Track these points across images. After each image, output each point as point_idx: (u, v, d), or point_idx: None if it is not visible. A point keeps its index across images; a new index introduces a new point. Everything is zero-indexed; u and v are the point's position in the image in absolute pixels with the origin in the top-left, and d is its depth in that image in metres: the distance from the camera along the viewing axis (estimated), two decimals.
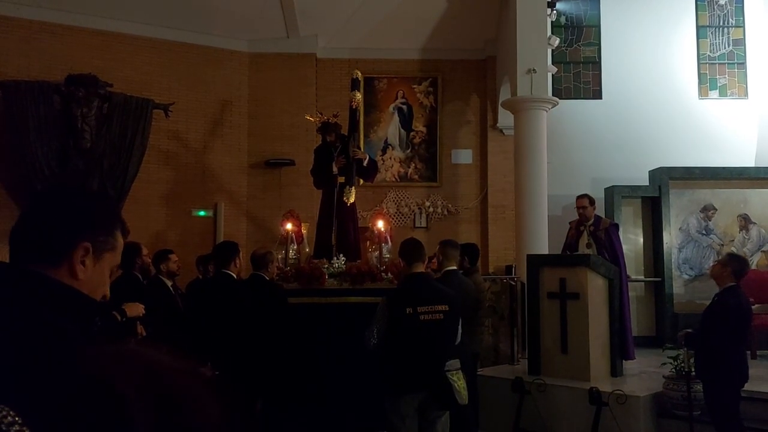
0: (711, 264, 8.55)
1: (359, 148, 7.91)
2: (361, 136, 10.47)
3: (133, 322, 4.81)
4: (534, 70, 9.27)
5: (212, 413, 0.81)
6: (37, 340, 1.39)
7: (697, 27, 12.00)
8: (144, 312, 4.92)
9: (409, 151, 11.53)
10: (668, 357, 6.42)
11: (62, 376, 0.79)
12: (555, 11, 10.01)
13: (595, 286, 7.03)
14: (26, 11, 9.47)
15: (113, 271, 1.65)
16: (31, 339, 1.39)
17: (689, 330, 5.70)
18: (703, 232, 10.39)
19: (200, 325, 5.67)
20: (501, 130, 11.24)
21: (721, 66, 11.98)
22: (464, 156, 11.57)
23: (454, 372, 4.71)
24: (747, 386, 5.47)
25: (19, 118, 9.00)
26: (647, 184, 10.49)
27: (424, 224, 11.35)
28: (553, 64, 10.29)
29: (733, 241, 10.33)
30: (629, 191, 10.47)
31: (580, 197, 7.93)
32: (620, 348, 7.34)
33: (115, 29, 10.09)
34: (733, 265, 5.48)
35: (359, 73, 7.98)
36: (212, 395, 0.83)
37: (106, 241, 1.58)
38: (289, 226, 7.33)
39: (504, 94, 10.36)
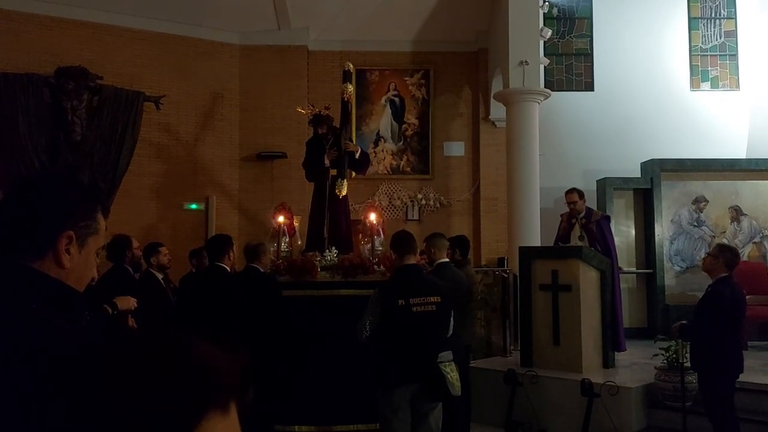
0: (702, 256, 8.57)
1: (351, 141, 7.86)
2: (353, 129, 10.40)
3: (125, 315, 4.78)
4: (526, 62, 9.26)
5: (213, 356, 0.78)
6: (30, 334, 1.37)
7: (689, 18, 12.01)
8: (135, 305, 4.89)
9: (401, 143, 11.52)
10: (660, 348, 6.45)
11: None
12: (547, 3, 10.00)
13: (587, 278, 7.04)
14: (14, 3, 9.39)
15: (99, 252, 1.64)
16: (23, 333, 1.37)
17: (683, 322, 5.71)
18: (695, 223, 10.42)
19: (192, 317, 5.65)
20: (493, 123, 11.24)
21: (712, 58, 12.00)
22: (456, 148, 11.56)
23: (447, 364, 4.71)
24: (739, 377, 5.49)
25: (8, 111, 8.95)
26: (639, 176, 10.51)
27: (416, 217, 11.35)
28: (545, 56, 10.28)
29: (724, 232, 10.36)
30: (621, 183, 10.49)
31: (568, 192, 7.92)
32: (612, 340, 7.36)
33: (104, 21, 10.02)
34: (725, 256, 5.49)
35: (351, 66, 7.93)
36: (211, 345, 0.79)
37: (88, 225, 1.56)
38: (280, 218, 7.29)
39: (496, 86, 10.35)
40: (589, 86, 11.90)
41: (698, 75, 11.94)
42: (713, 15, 12.06)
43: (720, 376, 5.33)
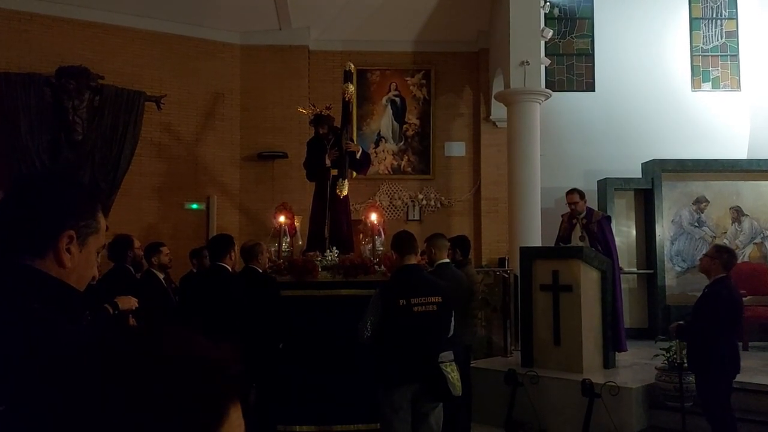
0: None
1: (352, 141, 7.86)
2: (354, 129, 10.41)
3: (126, 315, 4.78)
4: (527, 62, 9.26)
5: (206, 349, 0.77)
6: (30, 333, 1.37)
7: (690, 19, 12.00)
8: (136, 305, 4.89)
9: (402, 143, 11.51)
10: (660, 349, 6.45)
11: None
12: (548, 3, 9.99)
13: (588, 279, 7.04)
14: (16, 3, 9.39)
15: (100, 251, 1.64)
16: (23, 333, 1.38)
17: (681, 322, 5.72)
18: (696, 224, 10.41)
19: (194, 317, 5.65)
20: (494, 123, 11.23)
21: (714, 58, 11.99)
22: (457, 148, 11.56)
23: (448, 363, 4.71)
24: (739, 377, 5.49)
25: (10, 110, 8.95)
26: (640, 176, 10.51)
27: (417, 217, 11.34)
28: (546, 56, 10.27)
29: (725, 233, 10.36)
30: (622, 183, 10.49)
31: (569, 192, 7.93)
32: (613, 340, 7.36)
33: (106, 21, 10.02)
34: (722, 256, 5.49)
35: (352, 66, 7.94)
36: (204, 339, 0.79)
37: (88, 225, 1.56)
38: (282, 218, 7.31)
39: (497, 87, 10.34)
40: (590, 86, 11.89)
41: (699, 75, 11.93)
42: (714, 15, 12.05)
43: (717, 377, 5.33)
